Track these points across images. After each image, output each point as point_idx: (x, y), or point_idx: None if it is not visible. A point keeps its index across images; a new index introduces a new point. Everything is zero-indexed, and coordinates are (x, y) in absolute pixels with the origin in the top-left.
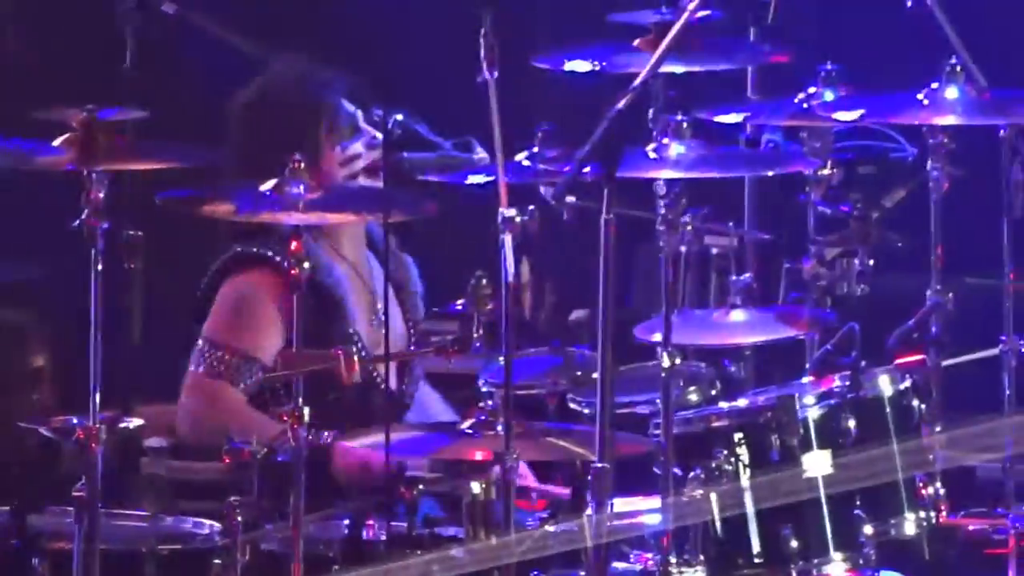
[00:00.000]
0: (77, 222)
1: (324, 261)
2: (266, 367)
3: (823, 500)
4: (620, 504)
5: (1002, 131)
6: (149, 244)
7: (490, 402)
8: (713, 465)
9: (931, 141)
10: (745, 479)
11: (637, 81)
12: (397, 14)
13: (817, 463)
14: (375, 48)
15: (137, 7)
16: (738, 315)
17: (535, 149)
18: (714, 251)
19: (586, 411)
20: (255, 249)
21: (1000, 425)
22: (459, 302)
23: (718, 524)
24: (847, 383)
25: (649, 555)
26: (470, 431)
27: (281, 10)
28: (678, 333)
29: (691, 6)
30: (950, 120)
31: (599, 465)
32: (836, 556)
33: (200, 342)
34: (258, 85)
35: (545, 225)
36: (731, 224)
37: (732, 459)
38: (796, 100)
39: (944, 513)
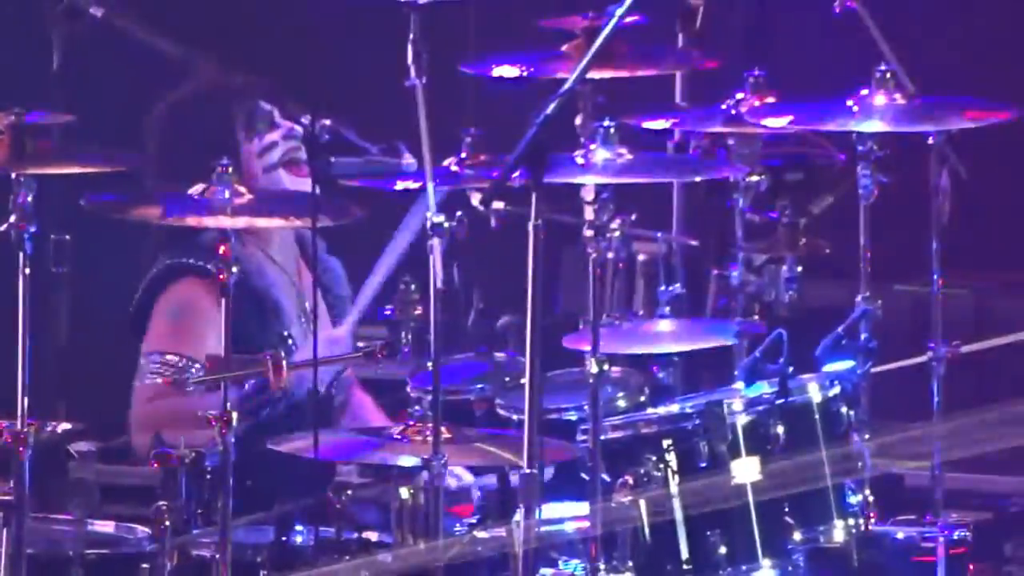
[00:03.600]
0: (4, 226)
1: (255, 264)
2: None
3: (751, 507)
4: (548, 510)
5: (931, 138)
6: (76, 248)
7: (418, 408)
8: (642, 471)
9: (860, 148)
10: (673, 485)
11: (565, 87)
12: (326, 19)
13: (745, 469)
14: (303, 52)
15: (66, 12)
16: (667, 325)
17: (463, 155)
18: (641, 257)
19: (514, 417)
20: (184, 259)
21: (928, 432)
22: (387, 308)
23: (647, 530)
24: (775, 390)
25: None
26: (399, 437)
27: (210, 13)
28: (607, 342)
29: (619, 12)
30: (879, 127)
31: (527, 471)
32: (765, 563)
33: (143, 358)
34: (172, 94)
35: (473, 231)
36: (658, 231)
37: (661, 465)
38: (724, 106)
39: (872, 520)
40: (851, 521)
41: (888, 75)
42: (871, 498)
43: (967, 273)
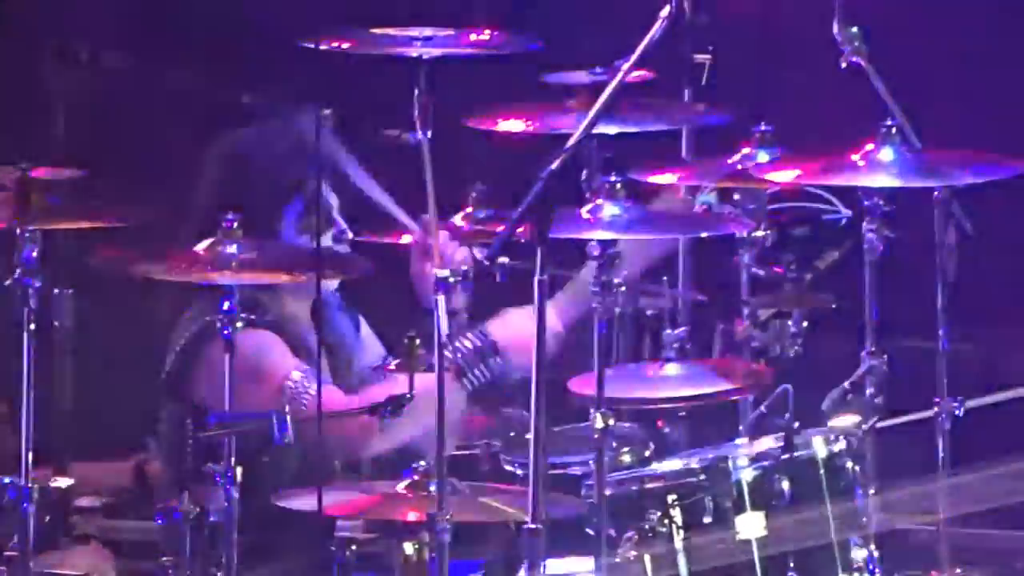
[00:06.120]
0: (9, 281)
1: (290, 310)
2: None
3: (756, 562)
4: (553, 565)
5: (936, 193)
6: (80, 303)
7: (423, 463)
8: (646, 526)
9: (866, 203)
10: (678, 541)
11: (571, 141)
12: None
13: (751, 525)
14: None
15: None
16: (672, 369)
17: (469, 209)
18: (648, 312)
19: (519, 472)
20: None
21: (934, 488)
22: (392, 361)
23: None
24: (781, 445)
25: None
26: (404, 492)
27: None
28: (611, 387)
29: (625, 67)
30: (885, 182)
31: (532, 526)
32: None
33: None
34: (250, 137)
35: (478, 285)
36: (665, 285)
37: (665, 520)
38: (730, 161)
39: None
40: None
41: (894, 130)
42: (876, 553)
43: (973, 329)
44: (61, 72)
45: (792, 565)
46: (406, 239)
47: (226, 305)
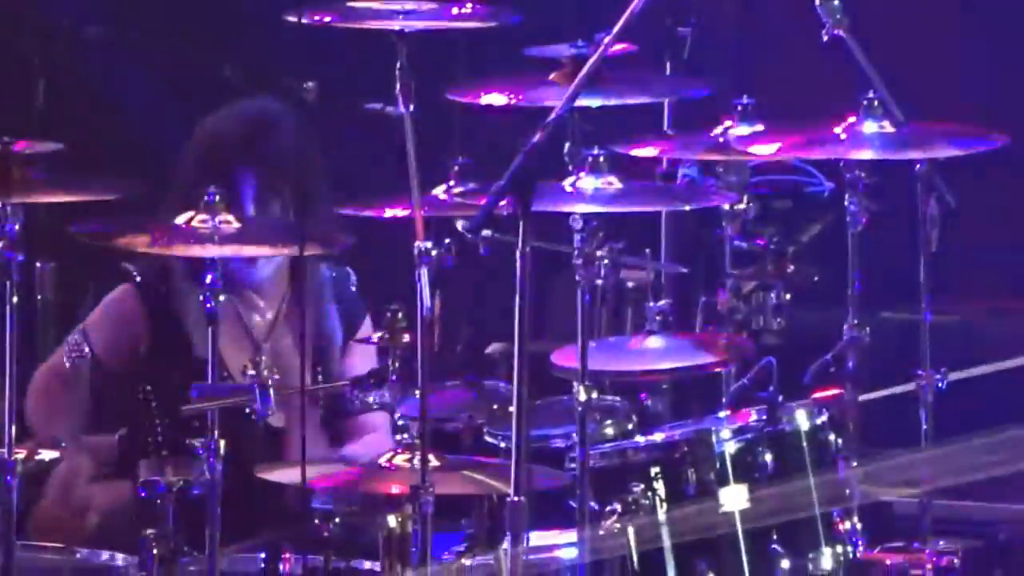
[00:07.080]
0: None
1: (181, 286)
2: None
3: (740, 534)
4: (536, 538)
5: (919, 166)
6: (62, 275)
7: (406, 436)
8: (630, 499)
9: (848, 176)
10: (662, 513)
11: (553, 115)
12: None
13: (734, 497)
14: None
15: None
16: (655, 341)
17: (451, 183)
18: (630, 284)
19: (502, 445)
20: (125, 264)
21: (917, 459)
22: (375, 335)
23: (635, 558)
24: (764, 417)
25: None
26: (386, 464)
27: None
28: (594, 360)
29: (607, 40)
30: (867, 155)
31: (515, 499)
32: None
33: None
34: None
35: (461, 258)
36: (647, 258)
37: (649, 493)
38: (712, 134)
39: (861, 548)
40: (839, 549)
41: (876, 103)
42: (859, 525)
43: (956, 300)
44: (42, 45)
45: (775, 537)
46: (389, 213)
47: (209, 279)
